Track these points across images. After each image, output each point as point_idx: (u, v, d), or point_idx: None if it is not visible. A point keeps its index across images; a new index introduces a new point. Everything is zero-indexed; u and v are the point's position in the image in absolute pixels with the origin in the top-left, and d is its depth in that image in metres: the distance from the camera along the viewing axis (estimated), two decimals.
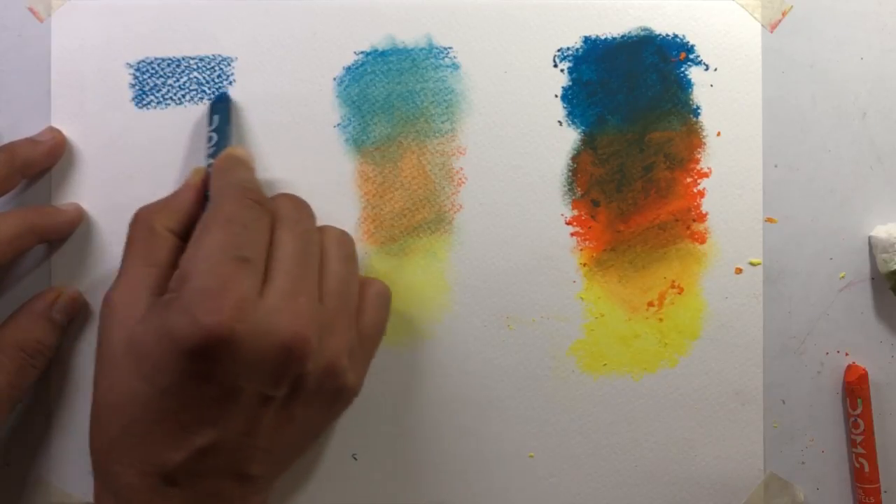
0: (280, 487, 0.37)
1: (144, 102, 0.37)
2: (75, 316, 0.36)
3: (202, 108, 0.37)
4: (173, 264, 0.31)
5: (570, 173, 0.37)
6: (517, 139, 0.37)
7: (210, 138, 0.35)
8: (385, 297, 0.35)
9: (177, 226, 0.32)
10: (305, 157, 0.37)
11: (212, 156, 0.34)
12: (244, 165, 0.34)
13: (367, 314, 0.34)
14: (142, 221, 0.32)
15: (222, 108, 0.36)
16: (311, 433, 0.33)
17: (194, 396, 0.28)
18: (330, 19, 0.37)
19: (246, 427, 0.30)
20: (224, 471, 0.30)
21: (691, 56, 0.37)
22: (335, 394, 0.32)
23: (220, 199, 0.31)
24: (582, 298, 0.37)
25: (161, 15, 0.37)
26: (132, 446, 0.29)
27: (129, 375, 0.29)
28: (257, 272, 0.29)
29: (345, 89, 0.37)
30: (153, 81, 0.37)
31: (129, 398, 0.29)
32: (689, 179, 0.37)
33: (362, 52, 0.37)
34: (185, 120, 0.37)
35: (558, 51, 0.37)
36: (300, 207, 0.33)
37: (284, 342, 0.29)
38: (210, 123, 0.35)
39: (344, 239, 0.34)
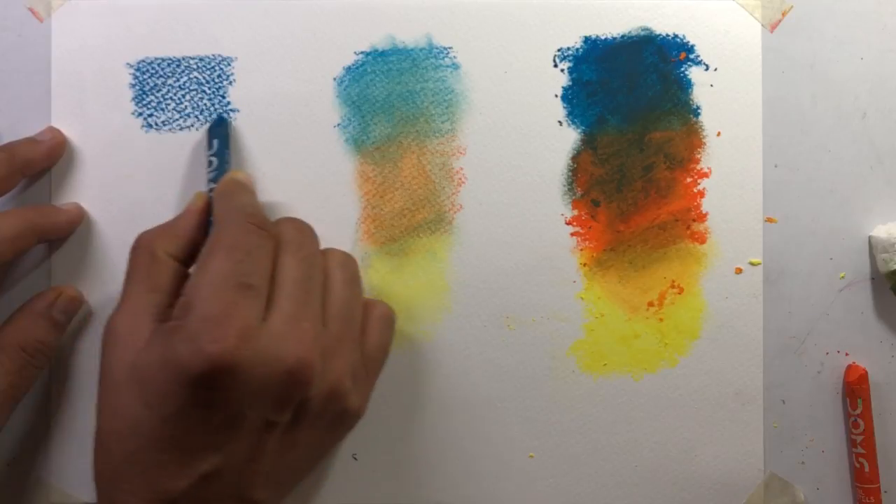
0: None
1: (145, 103, 0.37)
2: (75, 315, 0.36)
3: (201, 107, 0.37)
4: (175, 290, 0.31)
5: (570, 173, 0.37)
6: (517, 139, 0.37)
7: (210, 163, 0.35)
8: (389, 319, 0.35)
9: (178, 251, 0.32)
10: (305, 157, 0.37)
11: (213, 180, 0.34)
12: (246, 190, 0.34)
13: (371, 336, 0.34)
14: (143, 247, 0.32)
15: (221, 132, 0.36)
16: (314, 456, 0.34)
17: (198, 423, 0.28)
18: (330, 19, 0.37)
19: (250, 453, 0.30)
20: (228, 496, 0.30)
21: (691, 56, 0.37)
22: (339, 416, 0.32)
23: (223, 226, 0.31)
24: (582, 298, 0.37)
25: (161, 15, 0.37)
26: (136, 474, 0.29)
27: (132, 402, 0.29)
28: (261, 298, 0.29)
29: (345, 89, 0.37)
30: (153, 81, 0.37)
31: (132, 425, 0.29)
32: (689, 179, 0.37)
33: (362, 52, 0.37)
34: (185, 122, 0.37)
35: (558, 51, 0.37)
36: (303, 231, 0.33)
37: (288, 368, 0.29)
38: (209, 147, 0.35)
39: (347, 261, 0.34)
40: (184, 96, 0.37)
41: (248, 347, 0.28)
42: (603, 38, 0.37)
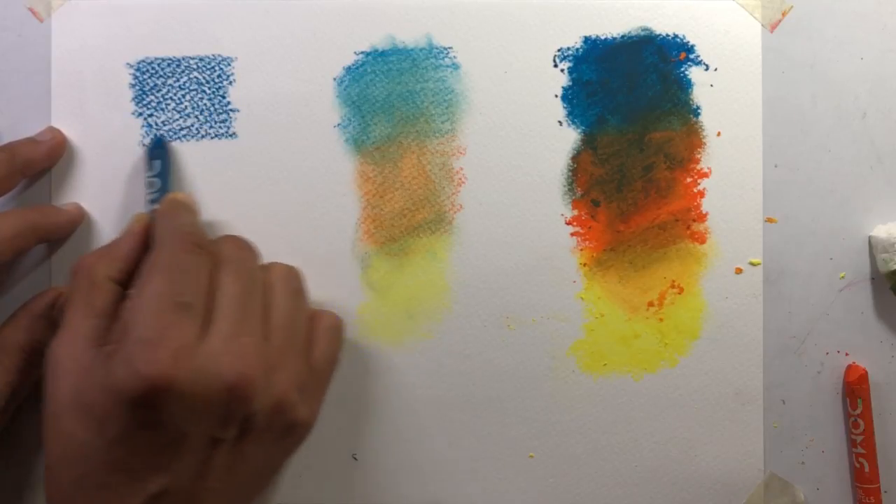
0: (280, 487, 0.37)
1: (145, 103, 0.37)
2: None
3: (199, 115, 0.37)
4: (115, 313, 0.31)
5: (570, 173, 0.37)
6: (517, 139, 0.37)
7: (151, 184, 0.35)
8: (337, 328, 0.35)
9: (118, 274, 0.32)
10: (305, 157, 0.37)
11: (153, 201, 0.34)
12: (187, 209, 0.34)
13: (319, 347, 0.34)
14: (82, 271, 0.32)
15: (161, 154, 0.36)
16: (266, 470, 0.33)
17: (143, 444, 0.29)
18: (330, 19, 0.37)
19: (198, 470, 0.30)
20: None
21: (691, 56, 0.37)
22: (286, 429, 0.32)
23: (160, 246, 0.31)
24: (582, 298, 0.37)
25: (161, 15, 0.37)
26: (86, 498, 0.29)
27: (77, 428, 0.29)
28: (198, 317, 0.29)
29: (345, 89, 0.37)
30: (153, 81, 0.37)
31: (78, 450, 0.29)
32: (689, 179, 0.37)
33: (362, 52, 0.37)
34: (185, 122, 0.37)
35: (558, 51, 0.37)
36: (242, 247, 0.33)
37: (228, 384, 0.29)
38: (149, 169, 0.35)
39: (291, 274, 0.34)
40: (184, 96, 0.37)
41: (184, 367, 0.28)
42: (603, 38, 0.37)
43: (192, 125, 0.37)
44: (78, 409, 0.29)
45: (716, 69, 0.37)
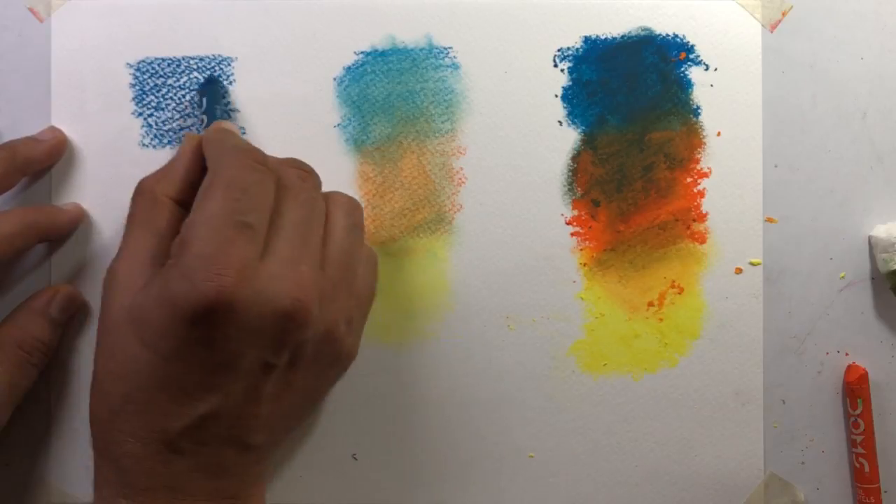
0: (280, 487, 0.37)
1: (145, 103, 0.37)
2: (74, 314, 0.36)
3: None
4: (175, 232, 0.30)
5: (570, 173, 0.37)
6: (517, 139, 0.37)
7: (202, 121, 0.35)
8: (374, 261, 0.35)
9: (177, 193, 0.32)
10: (305, 157, 0.37)
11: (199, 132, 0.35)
12: (236, 135, 0.34)
13: (362, 279, 0.33)
14: (144, 191, 0.32)
15: (211, 90, 0.36)
16: (309, 401, 0.34)
17: (196, 363, 0.28)
18: (330, 19, 0.37)
19: (248, 395, 0.29)
20: (226, 439, 0.30)
21: (691, 56, 0.37)
22: (333, 360, 0.32)
23: (220, 163, 0.31)
24: (582, 298, 0.37)
25: (161, 15, 0.37)
26: (134, 414, 0.29)
27: (131, 343, 0.29)
28: (258, 238, 0.29)
29: (345, 89, 0.37)
30: (153, 81, 0.37)
31: (131, 366, 0.29)
32: (689, 179, 0.37)
33: (362, 52, 0.37)
34: (185, 122, 0.37)
35: (558, 51, 0.37)
36: (304, 176, 0.32)
37: (285, 309, 0.28)
38: (200, 106, 0.36)
39: (350, 206, 0.33)
40: (184, 96, 0.37)
41: (244, 286, 0.27)
42: (603, 38, 0.37)
43: (192, 125, 0.37)
44: (132, 324, 0.29)
45: (716, 69, 0.37)
